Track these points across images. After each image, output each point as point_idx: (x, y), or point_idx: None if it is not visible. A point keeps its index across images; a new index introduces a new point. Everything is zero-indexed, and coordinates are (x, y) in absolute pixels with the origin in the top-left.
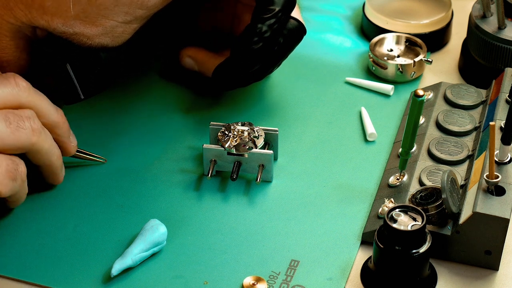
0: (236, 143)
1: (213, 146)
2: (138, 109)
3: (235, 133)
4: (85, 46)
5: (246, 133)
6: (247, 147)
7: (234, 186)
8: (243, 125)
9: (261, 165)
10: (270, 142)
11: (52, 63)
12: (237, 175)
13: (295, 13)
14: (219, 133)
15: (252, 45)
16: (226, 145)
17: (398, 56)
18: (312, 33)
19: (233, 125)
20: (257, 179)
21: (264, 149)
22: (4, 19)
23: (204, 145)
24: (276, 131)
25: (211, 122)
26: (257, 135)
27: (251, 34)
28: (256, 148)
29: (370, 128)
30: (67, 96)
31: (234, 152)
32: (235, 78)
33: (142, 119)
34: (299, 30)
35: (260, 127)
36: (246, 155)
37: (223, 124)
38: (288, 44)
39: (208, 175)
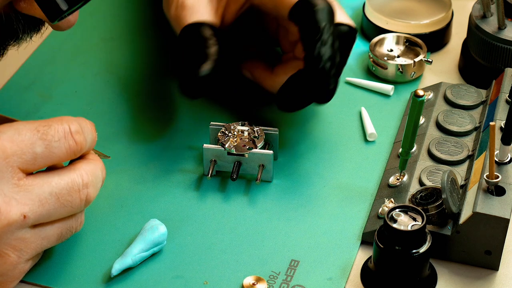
0: (236, 143)
1: (213, 146)
2: (138, 109)
3: (235, 133)
4: None
5: (246, 133)
6: (247, 147)
7: (234, 186)
8: (243, 125)
9: (261, 165)
10: (270, 142)
11: None
12: (237, 175)
13: (341, 14)
14: (219, 133)
15: (326, 71)
16: (226, 145)
17: (398, 56)
18: None
19: (233, 125)
20: (257, 179)
21: (264, 149)
22: None
23: (204, 145)
24: (276, 131)
25: (211, 122)
26: (257, 135)
27: (317, 60)
28: (256, 148)
29: (370, 128)
30: (48, 11)
31: (234, 152)
32: (303, 100)
33: (142, 119)
34: (350, 34)
35: (260, 127)
36: (246, 155)
37: (223, 124)
38: (345, 52)
39: (208, 175)
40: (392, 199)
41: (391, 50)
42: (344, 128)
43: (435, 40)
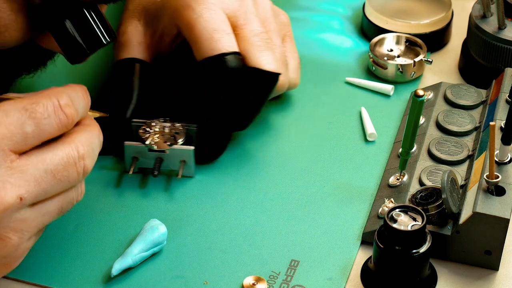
0: (157, 140)
1: (134, 143)
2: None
3: (156, 129)
4: None
5: (167, 129)
6: (168, 143)
7: (234, 186)
8: (164, 121)
9: (182, 160)
10: (192, 137)
11: (50, 22)
12: (159, 171)
13: (266, 57)
14: (140, 130)
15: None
16: (148, 142)
17: (398, 56)
18: (312, 33)
19: (154, 121)
20: (178, 175)
21: (186, 144)
22: None
23: (125, 142)
24: (195, 126)
25: (133, 120)
26: (178, 131)
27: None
28: (177, 144)
29: (370, 128)
30: (71, 55)
31: (156, 148)
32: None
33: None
34: (269, 79)
35: (181, 123)
36: (167, 151)
37: (144, 120)
38: (260, 96)
39: (129, 172)
40: (392, 199)
41: (391, 50)
42: (344, 128)
43: (435, 40)
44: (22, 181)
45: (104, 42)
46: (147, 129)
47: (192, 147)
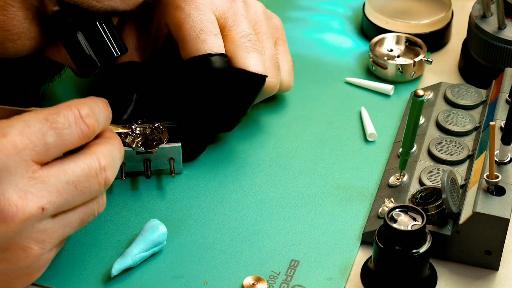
0: (142, 142)
1: None
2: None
3: (137, 132)
4: (94, 10)
5: (148, 130)
6: (155, 143)
7: (234, 186)
8: (142, 123)
9: (171, 158)
10: (174, 134)
11: (62, 32)
12: (151, 172)
13: (253, 59)
14: (122, 135)
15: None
16: (134, 145)
17: (398, 56)
18: (312, 33)
19: (133, 124)
20: (171, 173)
21: (170, 142)
22: None
23: None
24: (175, 123)
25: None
26: (159, 130)
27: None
28: (163, 143)
29: (370, 128)
30: (82, 67)
31: (143, 150)
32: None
33: None
34: (256, 81)
35: (160, 122)
36: (155, 151)
37: (122, 125)
38: (248, 97)
39: (122, 177)
40: (392, 199)
41: (391, 50)
42: (344, 128)
43: (435, 40)
44: (44, 191)
45: (115, 55)
46: (129, 133)
47: (179, 143)
